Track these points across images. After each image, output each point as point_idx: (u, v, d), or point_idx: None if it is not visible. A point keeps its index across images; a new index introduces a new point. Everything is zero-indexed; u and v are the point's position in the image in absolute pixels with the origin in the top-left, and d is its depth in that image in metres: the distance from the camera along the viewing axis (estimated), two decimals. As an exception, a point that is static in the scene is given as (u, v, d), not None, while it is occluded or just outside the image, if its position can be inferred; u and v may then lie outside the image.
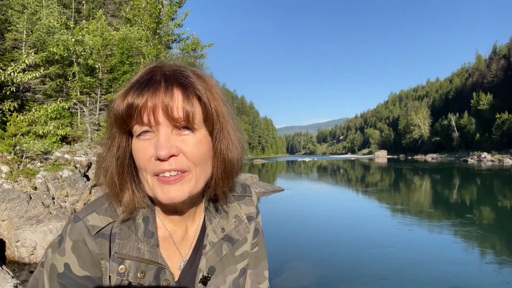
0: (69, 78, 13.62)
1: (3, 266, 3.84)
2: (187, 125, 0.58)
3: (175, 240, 0.67)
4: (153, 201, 0.66)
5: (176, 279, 0.64)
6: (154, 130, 0.57)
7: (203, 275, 0.65)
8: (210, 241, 0.68)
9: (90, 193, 6.91)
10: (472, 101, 79.32)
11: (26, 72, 9.01)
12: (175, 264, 0.66)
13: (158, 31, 15.41)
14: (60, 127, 9.25)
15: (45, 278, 0.60)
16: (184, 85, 0.58)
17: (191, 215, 0.69)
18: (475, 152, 63.36)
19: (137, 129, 0.58)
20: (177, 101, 0.56)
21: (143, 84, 0.57)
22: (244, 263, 0.72)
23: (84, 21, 21.43)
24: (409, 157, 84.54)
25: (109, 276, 0.60)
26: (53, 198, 6.11)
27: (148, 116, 0.56)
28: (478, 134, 72.08)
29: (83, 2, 24.23)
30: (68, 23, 13.27)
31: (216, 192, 0.67)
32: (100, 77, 14.19)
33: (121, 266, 0.59)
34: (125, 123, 0.58)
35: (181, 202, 0.60)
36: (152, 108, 0.55)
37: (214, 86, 0.63)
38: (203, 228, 0.70)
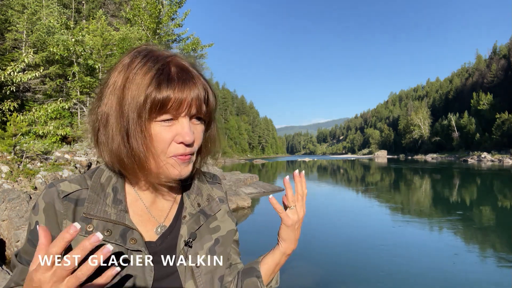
0: (69, 78, 13.62)
1: (3, 266, 3.84)
2: (201, 116, 0.67)
3: (144, 201, 0.72)
4: (128, 171, 0.68)
5: (154, 240, 0.70)
6: (174, 118, 0.64)
7: (184, 240, 0.71)
8: (189, 213, 0.76)
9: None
10: (472, 101, 79.28)
11: (26, 71, 9.01)
12: (150, 228, 0.71)
13: (158, 31, 15.43)
14: (60, 127, 9.25)
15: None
16: (205, 83, 0.67)
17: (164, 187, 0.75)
18: (475, 152, 63.37)
19: (163, 116, 0.63)
20: (205, 96, 0.66)
21: (180, 79, 0.63)
22: (218, 234, 0.78)
23: (84, 21, 21.43)
24: (409, 157, 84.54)
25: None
26: (53, 198, 6.11)
27: (186, 108, 0.63)
28: (478, 134, 72.03)
29: (83, 2, 24.24)
30: (68, 23, 13.28)
31: (199, 165, 0.77)
32: (100, 77, 14.18)
33: (89, 225, 0.64)
34: (158, 110, 0.62)
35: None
36: (189, 101, 0.63)
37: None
38: (181, 203, 0.77)
